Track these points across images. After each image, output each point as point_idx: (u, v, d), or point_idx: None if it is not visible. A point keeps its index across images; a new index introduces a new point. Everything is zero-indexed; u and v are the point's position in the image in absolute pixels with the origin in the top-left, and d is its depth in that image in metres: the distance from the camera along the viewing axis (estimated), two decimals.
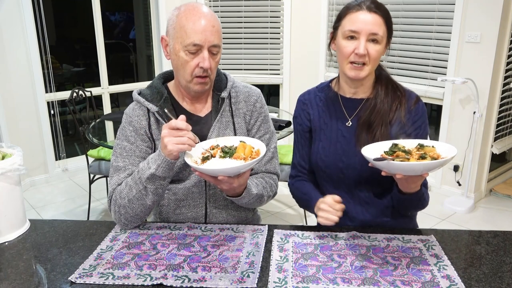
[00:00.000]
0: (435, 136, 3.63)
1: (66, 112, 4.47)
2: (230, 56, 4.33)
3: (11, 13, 3.42)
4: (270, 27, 4.23)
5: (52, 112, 3.82)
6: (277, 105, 4.48)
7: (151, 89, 1.37)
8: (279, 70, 4.34)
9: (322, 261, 1.12)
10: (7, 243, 1.23)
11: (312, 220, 1.37)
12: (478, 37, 3.10)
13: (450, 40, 3.26)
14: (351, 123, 1.36)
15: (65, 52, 4.89)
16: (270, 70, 4.36)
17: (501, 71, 3.18)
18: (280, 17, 4.18)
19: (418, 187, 1.21)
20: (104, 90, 4.17)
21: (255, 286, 1.02)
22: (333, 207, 1.23)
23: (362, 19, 1.23)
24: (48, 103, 3.77)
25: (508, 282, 1.04)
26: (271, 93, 5.02)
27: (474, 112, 3.19)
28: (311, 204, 1.34)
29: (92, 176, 3.07)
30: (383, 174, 1.10)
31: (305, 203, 1.42)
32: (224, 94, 1.37)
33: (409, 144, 1.16)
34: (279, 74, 4.34)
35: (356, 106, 1.37)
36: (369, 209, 1.37)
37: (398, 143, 1.16)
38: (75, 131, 4.61)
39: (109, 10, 4.89)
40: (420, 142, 1.16)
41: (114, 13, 5.23)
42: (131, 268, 1.09)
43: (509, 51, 3.15)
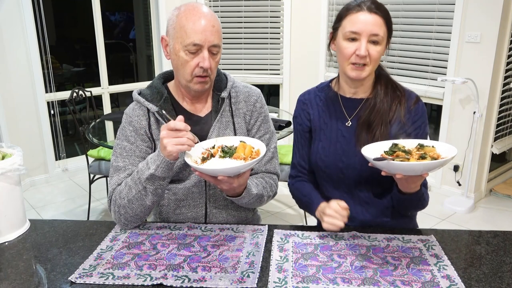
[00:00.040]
0: (435, 136, 3.63)
1: (66, 112, 4.47)
2: (230, 56, 4.33)
3: (11, 13, 3.42)
4: (270, 27, 4.23)
5: (52, 112, 3.82)
6: (277, 105, 4.48)
7: (151, 89, 1.37)
8: (279, 70, 4.34)
9: (322, 261, 1.12)
10: (7, 243, 1.23)
11: (312, 220, 1.37)
12: (478, 37, 3.10)
13: (450, 40, 3.26)
14: (350, 123, 1.36)
15: (65, 52, 4.90)
16: (270, 70, 4.36)
17: (501, 71, 3.18)
18: (280, 17, 4.18)
19: (418, 187, 1.21)
20: (104, 90, 4.17)
21: (255, 286, 1.02)
22: (339, 212, 1.22)
23: (363, 20, 1.23)
24: (48, 103, 3.77)
25: (508, 282, 1.04)
26: (271, 93, 5.02)
27: (474, 112, 3.19)
28: (312, 207, 1.34)
29: (92, 176, 3.07)
30: (383, 174, 1.10)
31: (306, 206, 1.42)
32: (224, 94, 1.37)
33: (409, 144, 1.16)
34: (279, 74, 4.34)
35: (356, 106, 1.37)
36: (369, 209, 1.37)
37: (398, 143, 1.16)
38: (75, 131, 4.61)
39: (109, 10, 4.89)
40: (420, 142, 1.16)
41: (114, 13, 5.23)
42: (131, 268, 1.09)
43: (509, 51, 3.15)
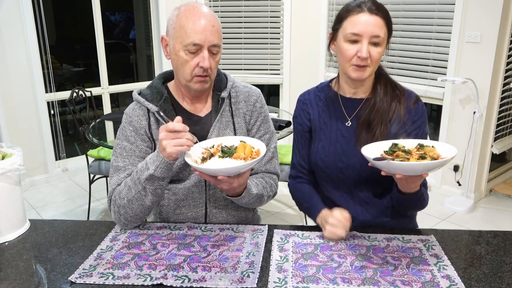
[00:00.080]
0: (435, 136, 3.63)
1: (66, 112, 4.47)
2: (230, 56, 4.33)
3: (11, 13, 3.42)
4: (270, 27, 4.23)
5: (52, 112, 3.82)
6: (277, 105, 4.48)
7: (151, 89, 1.37)
8: (279, 70, 4.33)
9: (322, 261, 1.12)
10: (7, 243, 1.23)
11: (312, 220, 1.38)
12: (478, 37, 3.10)
13: (450, 40, 3.26)
14: (350, 123, 1.36)
15: (65, 52, 4.90)
16: (270, 70, 4.36)
17: (501, 71, 3.18)
18: (280, 17, 4.18)
19: (417, 187, 1.21)
20: (104, 90, 4.17)
21: (255, 286, 1.02)
22: (341, 222, 1.22)
23: (364, 21, 1.22)
24: (48, 103, 3.77)
25: (508, 282, 1.04)
26: (271, 93, 5.02)
27: (474, 112, 3.19)
28: (314, 213, 1.34)
29: (92, 176, 3.07)
30: (382, 174, 1.09)
31: (306, 210, 1.42)
32: (224, 94, 1.37)
33: (409, 144, 1.16)
34: (279, 74, 4.34)
35: (356, 106, 1.37)
36: (369, 209, 1.37)
37: (398, 143, 1.16)
38: (75, 131, 4.61)
39: (109, 10, 4.90)
40: (420, 142, 1.16)
41: (114, 13, 5.23)
42: (131, 268, 1.09)
43: (509, 51, 3.15)
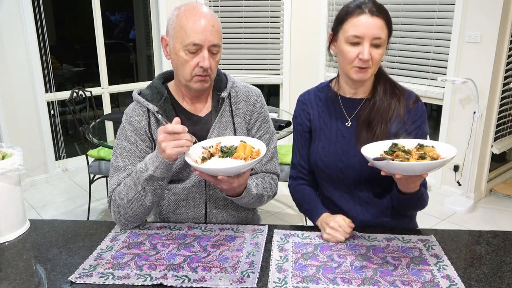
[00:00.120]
0: (435, 136, 3.63)
1: (66, 112, 4.47)
2: (230, 56, 4.32)
3: (11, 13, 3.42)
4: (270, 27, 4.23)
5: (52, 112, 3.82)
6: (277, 105, 4.48)
7: (151, 89, 1.37)
8: (279, 70, 4.33)
9: (322, 261, 1.12)
10: (7, 243, 1.23)
11: (312, 222, 1.38)
12: (478, 37, 3.09)
13: (450, 40, 3.26)
14: (350, 123, 1.36)
15: (65, 52, 4.90)
16: (270, 70, 4.36)
17: (501, 71, 3.17)
18: (280, 17, 4.18)
19: (417, 187, 1.21)
20: (104, 90, 4.17)
21: (255, 286, 1.02)
22: (343, 228, 1.22)
23: (365, 23, 1.22)
24: (48, 103, 3.77)
25: (508, 282, 1.04)
26: (271, 93, 5.03)
27: (474, 112, 3.19)
28: (313, 215, 1.35)
29: (92, 176, 3.07)
30: (382, 174, 1.09)
31: (306, 211, 1.42)
32: (224, 94, 1.37)
33: (408, 144, 1.16)
34: (279, 74, 4.34)
35: (355, 106, 1.37)
36: (369, 209, 1.37)
37: (397, 143, 1.16)
38: (75, 131, 4.61)
39: (109, 10, 4.90)
40: (420, 142, 1.16)
41: (114, 13, 5.23)
42: (131, 268, 1.09)
43: (509, 51, 3.15)
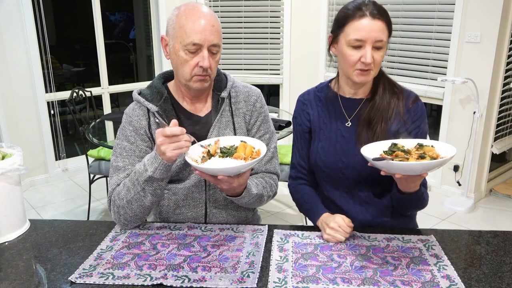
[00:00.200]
0: (435, 136, 3.63)
1: (66, 112, 4.47)
2: (230, 56, 4.33)
3: (11, 13, 3.42)
4: (270, 27, 4.23)
5: (52, 112, 3.82)
6: (277, 105, 4.48)
7: (151, 89, 1.37)
8: (279, 70, 4.33)
9: (322, 261, 1.12)
10: (7, 243, 1.23)
11: (312, 222, 1.39)
12: (478, 37, 3.09)
13: (450, 40, 3.26)
14: (350, 124, 1.36)
15: (65, 52, 4.90)
16: (270, 70, 4.36)
17: (501, 71, 3.17)
18: (280, 17, 4.18)
19: (417, 186, 1.21)
20: (104, 90, 4.17)
21: (255, 286, 1.02)
22: (343, 228, 1.22)
23: (367, 27, 1.21)
24: (48, 103, 3.77)
25: (508, 282, 1.04)
26: (271, 93, 5.03)
27: (474, 112, 3.19)
28: (313, 215, 1.35)
29: (92, 176, 3.07)
30: (382, 173, 1.10)
31: (306, 211, 1.42)
32: (224, 94, 1.37)
33: (408, 143, 1.16)
34: (279, 74, 4.34)
35: (355, 106, 1.37)
36: (369, 209, 1.37)
37: (397, 142, 1.16)
38: (75, 131, 4.61)
39: (109, 10, 4.90)
40: (420, 141, 1.16)
41: (114, 13, 5.23)
42: (131, 268, 1.09)
43: (509, 51, 3.15)
